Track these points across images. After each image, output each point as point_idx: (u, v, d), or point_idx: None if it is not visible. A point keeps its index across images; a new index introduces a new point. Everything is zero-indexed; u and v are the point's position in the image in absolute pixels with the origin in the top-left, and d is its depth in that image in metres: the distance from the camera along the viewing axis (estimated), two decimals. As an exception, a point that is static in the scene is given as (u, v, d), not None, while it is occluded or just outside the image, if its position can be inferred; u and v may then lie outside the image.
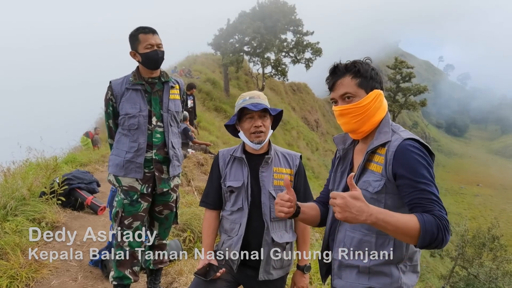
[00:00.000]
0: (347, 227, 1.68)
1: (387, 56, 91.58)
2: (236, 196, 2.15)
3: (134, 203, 2.70)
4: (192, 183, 7.47)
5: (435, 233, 1.37)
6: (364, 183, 1.61)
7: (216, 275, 2.02)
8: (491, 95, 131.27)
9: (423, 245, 1.39)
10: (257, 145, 2.10)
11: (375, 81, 1.64)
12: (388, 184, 1.54)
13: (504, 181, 63.88)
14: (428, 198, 1.44)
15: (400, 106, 33.70)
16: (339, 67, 1.67)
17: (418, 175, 1.46)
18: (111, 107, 2.70)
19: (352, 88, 1.62)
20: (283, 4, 29.10)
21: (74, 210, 4.91)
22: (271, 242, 2.08)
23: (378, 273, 1.59)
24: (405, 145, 1.51)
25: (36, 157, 5.92)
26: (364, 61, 1.68)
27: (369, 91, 1.62)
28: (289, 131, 31.13)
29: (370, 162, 1.62)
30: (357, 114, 1.62)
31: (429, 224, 1.38)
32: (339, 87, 1.65)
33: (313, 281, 4.03)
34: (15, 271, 3.12)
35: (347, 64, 1.67)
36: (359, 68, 1.63)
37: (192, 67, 27.89)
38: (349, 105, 1.62)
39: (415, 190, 1.46)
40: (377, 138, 1.61)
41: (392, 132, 1.61)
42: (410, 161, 1.48)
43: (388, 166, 1.53)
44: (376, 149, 1.60)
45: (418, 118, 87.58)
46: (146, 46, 2.58)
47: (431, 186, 1.46)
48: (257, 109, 2.05)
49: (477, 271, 20.37)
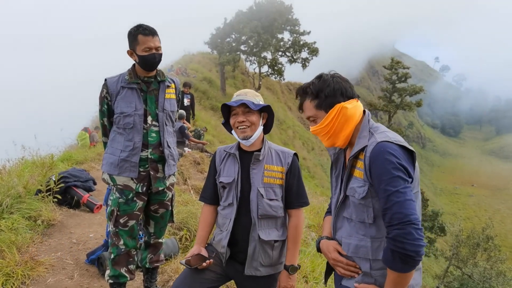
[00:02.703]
0: (342, 234, 1.71)
1: (383, 57, 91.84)
2: (228, 192, 2.18)
3: (129, 202, 2.69)
4: (188, 181, 7.47)
5: (395, 260, 1.43)
6: (351, 190, 1.64)
7: (202, 265, 2.04)
8: (486, 96, 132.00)
9: (404, 269, 1.44)
10: (244, 140, 2.13)
11: (333, 97, 1.65)
12: (371, 188, 1.56)
13: (498, 182, 64.28)
14: (389, 206, 1.44)
15: (396, 107, 33.78)
16: (299, 91, 1.75)
17: (383, 181, 1.47)
18: (106, 105, 2.67)
19: (311, 111, 1.70)
20: (280, 3, 29.13)
21: (70, 208, 4.91)
22: (257, 238, 2.10)
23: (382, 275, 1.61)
24: (378, 148, 1.52)
25: (31, 155, 5.89)
26: (321, 78, 1.69)
27: (328, 110, 1.65)
28: (285, 131, 31.16)
29: (354, 168, 1.65)
30: (325, 133, 1.68)
31: (387, 259, 1.47)
32: (304, 110, 1.74)
33: (309, 280, 4.05)
34: (11, 269, 3.11)
35: (303, 87, 1.73)
36: (312, 90, 1.67)
37: (189, 66, 27.86)
38: (315, 127, 1.71)
39: (382, 197, 1.48)
40: (357, 143, 1.63)
41: (370, 135, 1.62)
42: (379, 166, 1.49)
43: (367, 171, 1.55)
44: (358, 154, 1.62)
45: (413, 118, 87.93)
46: (144, 49, 2.54)
47: (395, 192, 1.44)
48: (236, 104, 2.09)
49: (471, 271, 20.50)
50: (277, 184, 2.15)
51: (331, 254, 1.73)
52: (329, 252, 1.74)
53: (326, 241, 1.81)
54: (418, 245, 1.38)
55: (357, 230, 1.64)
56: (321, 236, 1.89)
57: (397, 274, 1.46)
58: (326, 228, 1.91)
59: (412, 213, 1.41)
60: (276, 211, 2.14)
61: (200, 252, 2.14)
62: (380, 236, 1.59)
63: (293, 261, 2.14)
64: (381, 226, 1.58)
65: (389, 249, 1.44)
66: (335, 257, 1.71)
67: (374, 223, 1.59)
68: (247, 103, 2.07)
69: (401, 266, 1.43)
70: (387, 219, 1.45)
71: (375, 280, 1.61)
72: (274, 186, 2.14)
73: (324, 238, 1.84)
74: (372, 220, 1.59)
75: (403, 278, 1.47)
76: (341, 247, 1.71)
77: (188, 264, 2.04)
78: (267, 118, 2.24)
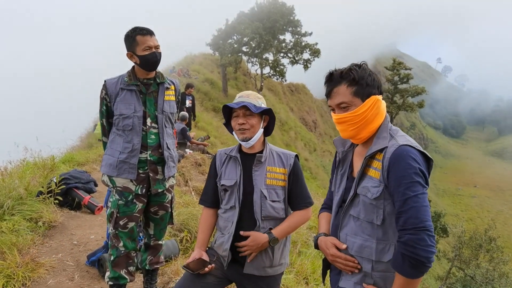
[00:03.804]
0: (347, 232, 1.69)
1: (384, 57, 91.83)
2: (229, 195, 2.17)
3: (129, 204, 2.69)
4: (189, 183, 7.47)
5: (404, 264, 1.43)
6: (363, 188, 1.61)
7: (205, 270, 2.04)
8: (488, 96, 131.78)
9: (413, 275, 1.44)
10: (245, 142, 2.13)
11: (372, 87, 1.61)
12: (386, 190, 1.54)
13: (501, 183, 64.10)
14: (405, 210, 1.44)
15: (398, 108, 33.75)
16: (335, 75, 1.65)
17: (403, 184, 1.46)
18: (105, 106, 2.68)
19: (347, 97, 1.60)
20: (282, 4, 29.10)
21: (71, 210, 4.91)
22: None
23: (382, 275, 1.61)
24: (400, 151, 1.51)
25: (33, 157, 5.90)
26: (361, 66, 1.64)
27: (365, 99, 1.60)
28: (287, 132, 31.14)
29: (369, 167, 1.62)
30: (354, 122, 1.61)
31: (397, 263, 1.47)
32: (335, 95, 1.64)
33: (310, 281, 4.04)
34: (11, 271, 3.11)
35: (342, 71, 1.63)
36: (354, 75, 1.60)
37: (190, 67, 27.86)
38: (346, 114, 1.61)
39: (398, 200, 1.47)
40: (376, 143, 1.61)
41: (390, 137, 1.60)
42: (400, 169, 1.48)
43: (385, 172, 1.53)
44: (375, 154, 1.60)
45: (415, 119, 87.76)
46: (144, 48, 2.55)
47: (413, 196, 1.44)
48: (237, 106, 2.08)
49: (473, 272, 20.43)
50: (279, 185, 2.15)
51: (329, 250, 1.72)
52: (327, 248, 1.73)
53: (324, 237, 1.80)
54: (430, 251, 1.39)
55: (363, 230, 1.62)
56: (319, 233, 1.88)
57: (405, 279, 1.45)
58: (323, 224, 1.90)
59: (427, 219, 1.41)
60: (278, 212, 2.14)
61: (201, 256, 2.13)
62: (386, 239, 1.58)
63: (277, 232, 2.09)
64: (388, 230, 1.57)
65: (400, 253, 1.44)
66: (333, 252, 1.70)
67: (382, 225, 1.58)
68: (248, 105, 2.07)
69: (410, 271, 1.42)
70: (401, 223, 1.45)
71: (374, 282, 1.60)
72: (277, 187, 2.14)
73: (321, 235, 1.83)
74: (381, 222, 1.57)
75: (410, 284, 1.46)
76: (342, 243, 1.69)
77: (189, 269, 2.02)
78: (268, 121, 2.23)
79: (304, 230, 6.14)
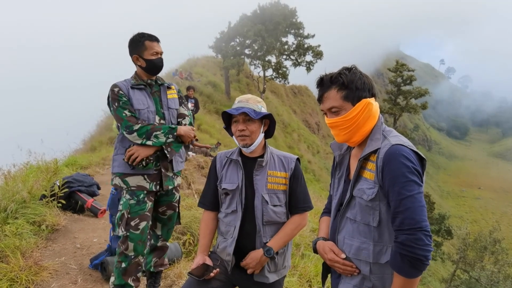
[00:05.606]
0: (345, 235, 1.69)
1: (388, 59, 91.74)
2: (231, 199, 2.15)
3: (140, 203, 2.68)
4: (192, 186, 7.46)
5: (403, 264, 1.43)
6: (359, 191, 1.62)
7: (210, 275, 2.02)
8: (491, 98, 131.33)
9: (412, 274, 1.44)
10: (245, 148, 2.12)
11: (362, 91, 1.61)
12: (381, 191, 1.54)
13: (505, 184, 63.80)
14: (401, 210, 1.44)
15: (401, 109, 33.61)
16: (325, 79, 1.65)
17: (398, 183, 1.46)
18: (124, 97, 2.65)
19: (337, 102, 1.61)
20: (284, 7, 29.14)
21: (74, 213, 4.91)
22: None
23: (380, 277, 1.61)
24: (392, 150, 1.51)
25: (36, 160, 5.92)
26: (351, 70, 1.64)
27: (356, 103, 1.60)
28: (290, 134, 31.13)
29: (364, 169, 1.62)
30: (346, 126, 1.61)
31: (395, 263, 1.46)
32: (326, 100, 1.64)
33: (313, 284, 4.02)
34: (15, 274, 3.11)
35: (332, 75, 1.64)
36: (343, 80, 1.60)
37: (193, 69, 27.94)
38: (337, 119, 1.62)
39: (394, 199, 1.47)
40: (369, 145, 1.61)
41: (383, 138, 1.60)
42: (394, 168, 1.48)
43: (379, 173, 1.53)
44: (369, 156, 1.60)
45: (419, 121, 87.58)
46: (152, 53, 2.68)
47: (409, 196, 1.43)
48: (236, 112, 2.06)
49: (478, 275, 20.33)
50: (280, 190, 2.13)
51: (327, 255, 1.73)
52: (325, 253, 1.74)
53: (323, 242, 1.80)
54: (427, 250, 1.40)
55: (360, 232, 1.62)
56: (318, 237, 1.88)
57: (404, 279, 1.45)
58: (323, 229, 1.90)
59: (423, 219, 1.41)
60: (280, 216, 2.12)
61: (205, 261, 2.10)
62: (382, 241, 1.58)
63: (273, 244, 2.08)
64: (385, 232, 1.57)
65: (398, 253, 1.44)
66: (331, 257, 1.70)
67: (378, 227, 1.58)
68: (247, 111, 2.04)
69: (409, 270, 1.42)
70: (397, 223, 1.45)
71: (373, 284, 1.61)
72: (278, 192, 2.12)
73: (320, 239, 1.83)
74: (377, 224, 1.57)
75: (409, 284, 1.46)
76: (342, 248, 1.70)
77: (195, 275, 2.01)
78: (268, 125, 2.21)
79: (308, 233, 6.12)
